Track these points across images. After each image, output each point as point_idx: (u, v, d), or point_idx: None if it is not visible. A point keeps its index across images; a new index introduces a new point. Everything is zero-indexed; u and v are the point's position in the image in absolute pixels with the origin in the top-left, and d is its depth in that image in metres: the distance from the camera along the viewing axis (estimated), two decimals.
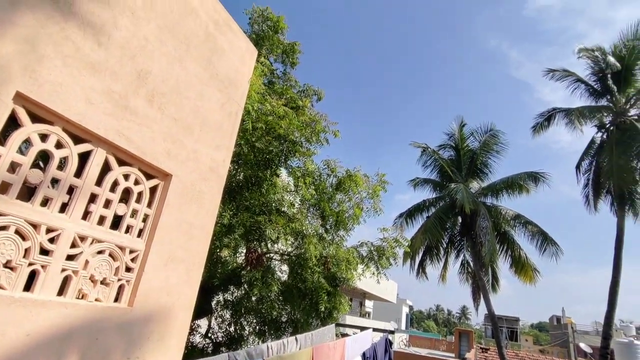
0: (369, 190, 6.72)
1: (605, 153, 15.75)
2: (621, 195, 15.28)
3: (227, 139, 4.21)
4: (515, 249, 16.84)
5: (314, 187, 6.40)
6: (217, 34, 4.27)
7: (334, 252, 5.91)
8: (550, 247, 15.79)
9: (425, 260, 18.75)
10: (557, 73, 17.85)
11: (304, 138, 6.19)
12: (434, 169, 19.18)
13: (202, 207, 3.56)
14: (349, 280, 6.11)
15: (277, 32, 9.68)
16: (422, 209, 18.83)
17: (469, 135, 18.63)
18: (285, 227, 5.48)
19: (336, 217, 6.40)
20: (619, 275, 15.29)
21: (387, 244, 6.55)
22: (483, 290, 16.80)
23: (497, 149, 17.88)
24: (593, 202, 16.87)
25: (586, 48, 17.04)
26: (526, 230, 16.45)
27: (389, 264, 6.61)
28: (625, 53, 15.95)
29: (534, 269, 16.52)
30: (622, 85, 16.16)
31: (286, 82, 9.55)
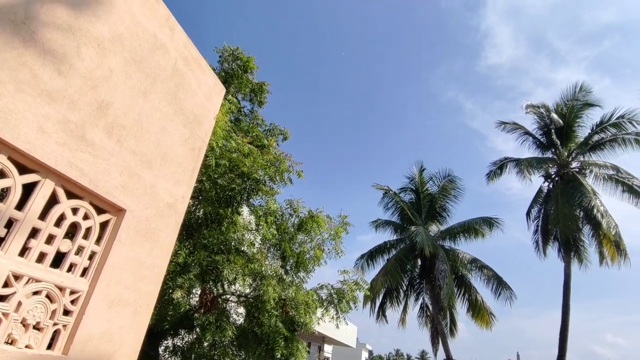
0: (331, 232, 6.71)
1: (552, 202, 16.87)
2: (567, 241, 16.23)
3: (188, 175, 4.11)
4: (472, 293, 17.19)
5: (276, 227, 6.31)
6: (186, 70, 4.28)
7: (293, 295, 5.74)
8: (505, 291, 16.27)
9: (386, 303, 18.66)
10: (507, 125, 19.32)
11: (267, 177, 6.17)
12: (395, 211, 19.65)
13: (157, 245, 3.39)
14: (307, 325, 5.90)
15: (247, 72, 9.87)
16: (383, 251, 19.00)
17: (428, 179, 19.41)
18: (244, 268, 5.29)
19: (297, 258, 6.29)
20: (568, 319, 15.90)
21: (347, 286, 6.47)
22: (441, 334, 16.82)
23: (455, 194, 18.69)
24: (542, 247, 17.77)
25: (533, 104, 18.68)
26: (482, 274, 16.92)
27: (349, 308, 6.49)
28: (566, 111, 17.61)
29: (489, 313, 16.85)
30: (565, 140, 17.69)
31: (253, 120, 9.64)
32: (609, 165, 16.59)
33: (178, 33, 4.05)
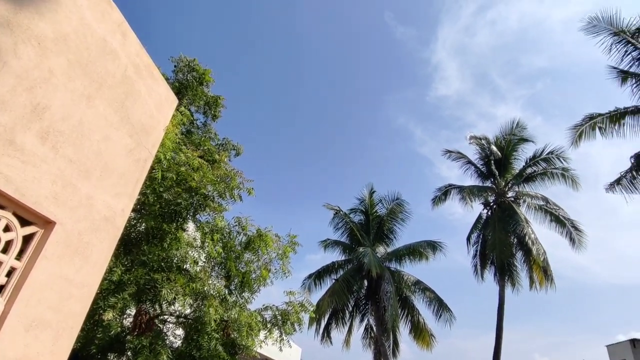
0: (279, 251, 6.61)
1: (490, 228, 17.98)
2: (502, 266, 17.31)
3: (130, 187, 3.90)
4: (414, 314, 17.63)
5: (222, 245, 6.11)
6: (136, 78, 4.11)
7: (236, 316, 5.53)
8: (445, 313, 16.86)
9: (331, 324, 18.58)
10: (452, 154, 20.52)
11: (216, 193, 6.00)
12: (344, 231, 19.85)
13: (88, 261, 3.14)
14: (249, 348, 5.70)
15: (202, 84, 9.69)
16: (331, 271, 19.03)
17: (378, 202, 19.90)
18: (185, 287, 5.03)
19: (242, 278, 6.10)
20: (501, 340, 16.78)
21: (292, 308, 6.36)
22: (384, 356, 16.97)
23: (402, 217, 19.31)
24: (480, 271, 18.76)
25: (476, 136, 20.05)
26: (425, 296, 17.45)
27: (294, 330, 6.38)
28: (504, 144, 19.09)
29: (430, 334, 17.34)
30: (502, 171, 19.09)
31: (205, 133, 9.43)
32: (540, 196, 18.08)
33: (131, 39, 3.91)
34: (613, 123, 12.90)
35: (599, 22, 13.05)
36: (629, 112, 12.61)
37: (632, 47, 12.61)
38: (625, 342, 19.52)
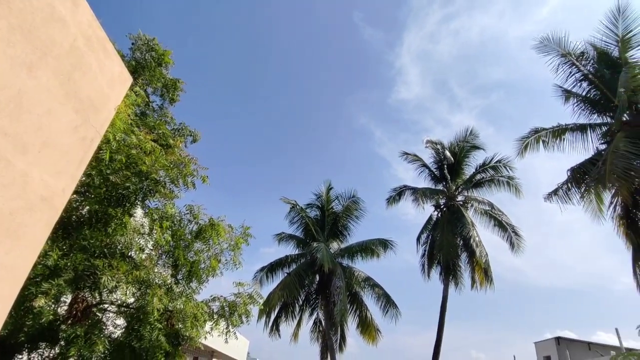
0: (231, 242, 6.50)
1: (439, 229, 18.81)
2: (447, 266, 18.19)
3: (73, 166, 3.65)
4: (363, 310, 18.10)
5: (171, 233, 5.90)
6: (86, 51, 3.85)
7: (181, 306, 5.38)
8: (392, 310, 17.45)
9: (281, 317, 18.63)
10: (409, 156, 21.20)
11: (168, 178, 5.78)
12: (300, 225, 19.95)
13: (20, 242, 2.91)
14: (194, 339, 5.56)
15: (161, 65, 9.27)
16: (284, 265, 19.06)
17: (334, 198, 20.15)
18: (128, 275, 4.81)
19: (190, 267, 5.94)
20: (442, 336, 17.66)
21: (241, 300, 6.29)
22: (331, 349, 17.29)
23: (357, 215, 19.70)
24: (427, 270, 19.60)
25: (432, 141, 20.83)
26: (373, 293, 17.96)
27: (241, 322, 6.31)
28: (457, 150, 20.00)
29: (377, 329, 17.90)
30: (454, 176, 20.01)
31: (161, 117, 9.04)
32: (486, 202, 19.17)
33: (83, 9, 3.64)
34: (555, 138, 13.91)
35: (550, 43, 13.97)
36: (569, 128, 13.64)
37: (576, 69, 13.63)
38: (551, 340, 21.27)
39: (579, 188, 13.04)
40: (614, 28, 12.69)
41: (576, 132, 13.51)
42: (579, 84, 13.68)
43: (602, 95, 12.98)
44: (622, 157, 10.47)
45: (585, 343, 20.84)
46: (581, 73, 13.53)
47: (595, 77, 13.17)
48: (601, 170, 11.06)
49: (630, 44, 12.47)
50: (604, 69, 13.00)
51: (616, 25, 12.64)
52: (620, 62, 12.44)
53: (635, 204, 12.60)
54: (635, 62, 12.29)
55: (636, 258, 12.50)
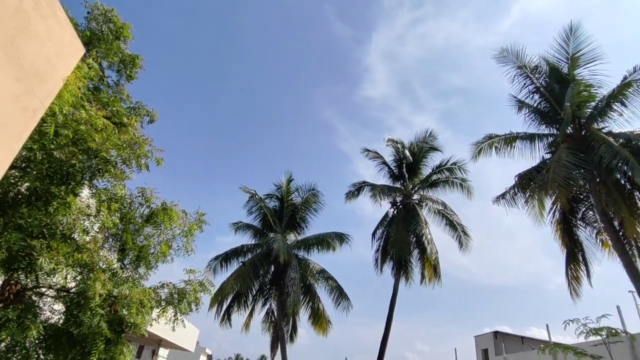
0: (184, 228, 6.30)
1: (394, 226, 19.38)
2: (399, 261, 18.82)
3: (12, 139, 3.39)
4: (315, 301, 18.34)
5: (120, 216, 5.62)
6: (34, 15, 3.57)
7: (126, 292, 5.16)
8: (344, 302, 17.80)
9: (233, 307, 18.46)
10: (370, 153, 21.59)
11: (120, 158, 5.49)
12: (258, 215, 19.80)
13: None
14: (138, 326, 5.37)
15: (119, 39, 8.76)
16: (239, 254, 18.86)
17: (294, 190, 20.15)
18: (69, 257, 4.53)
19: (138, 252, 5.69)
20: (390, 328, 18.30)
21: (191, 287, 6.13)
22: (282, 339, 17.39)
23: (316, 207, 19.84)
24: (380, 265, 20.16)
25: (393, 139, 21.32)
26: (327, 285, 18.22)
27: (190, 310, 6.16)
28: (416, 150, 20.64)
29: (328, 321, 18.21)
30: (412, 175, 20.65)
31: (117, 94, 8.55)
32: (440, 202, 19.98)
33: None
34: (506, 145, 14.69)
35: (508, 54, 14.70)
36: (519, 137, 14.46)
37: (530, 81, 14.45)
38: (489, 334, 22.69)
39: (524, 193, 13.90)
40: (566, 46, 13.57)
41: (526, 140, 14.35)
42: (531, 95, 14.52)
43: (550, 108, 13.87)
44: (564, 167, 11.26)
45: (519, 337, 22.46)
46: (534, 85, 14.36)
47: (546, 90, 14.03)
48: (545, 178, 11.84)
49: (579, 62, 13.38)
50: (554, 83, 13.88)
51: (568, 43, 13.51)
52: (569, 78, 13.32)
53: (571, 211, 13.64)
54: (581, 79, 13.21)
55: (569, 261, 13.56)
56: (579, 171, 11.88)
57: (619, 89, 12.29)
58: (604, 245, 13.29)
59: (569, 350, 5.75)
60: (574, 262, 13.52)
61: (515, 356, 19.36)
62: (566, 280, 13.58)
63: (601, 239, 13.35)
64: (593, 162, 11.72)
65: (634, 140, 11.99)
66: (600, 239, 13.37)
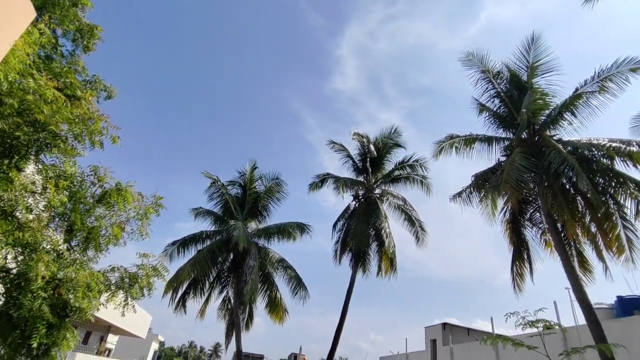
0: (140, 211, 6.04)
1: (355, 218, 19.68)
2: (358, 254, 19.19)
3: None
4: (273, 290, 18.35)
5: (69, 194, 5.29)
6: None
7: (72, 275, 4.90)
8: (301, 291, 17.92)
9: (189, 294, 18.10)
10: (336, 146, 21.71)
11: (71, 133, 5.15)
12: (219, 202, 19.43)
13: None
14: (84, 310, 5.12)
15: (76, 6, 8.20)
16: (198, 240, 18.47)
17: (258, 178, 19.93)
18: (8, 236, 4.22)
19: (87, 233, 5.40)
20: (345, 318, 18.69)
21: (144, 272, 5.92)
22: (237, 327, 17.30)
23: (279, 197, 19.75)
24: (339, 256, 20.44)
25: (359, 133, 21.53)
26: (285, 274, 18.26)
27: (142, 295, 5.95)
28: (381, 146, 20.98)
29: (285, 309, 18.30)
30: (375, 169, 21.00)
31: (71, 64, 8.01)
32: (400, 197, 20.49)
33: None
34: (466, 145, 15.22)
35: (473, 58, 15.17)
36: (478, 138, 15.03)
37: (492, 86, 15.01)
38: (438, 325, 23.74)
39: (479, 193, 14.52)
40: (526, 55, 14.19)
41: (484, 142, 14.94)
42: (492, 99, 15.10)
43: (509, 113, 14.50)
44: (517, 170, 11.84)
45: (466, 329, 23.69)
46: (495, 90, 14.94)
47: (506, 95, 14.63)
48: (499, 179, 12.41)
49: (537, 72, 14.06)
50: (514, 89, 14.51)
51: (528, 53, 14.14)
52: (527, 86, 13.97)
53: (520, 212, 14.44)
54: (538, 87, 13.90)
55: (515, 258, 14.40)
56: (530, 174, 12.55)
57: (571, 99, 13.04)
58: (547, 245, 14.18)
59: (508, 341, 6.17)
60: (519, 260, 14.34)
61: (461, 346, 20.41)
62: (511, 276, 14.40)
63: (545, 239, 14.23)
64: (543, 166, 12.41)
65: (580, 149, 12.82)
66: (544, 239, 14.25)
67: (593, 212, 12.01)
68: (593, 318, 10.57)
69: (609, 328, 10.76)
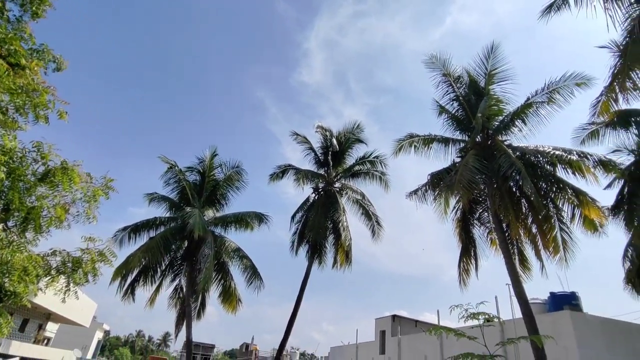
0: (87, 192, 5.71)
1: (313, 211, 19.80)
2: (315, 245, 19.38)
3: None
4: (227, 279, 18.13)
5: (7, 170, 4.89)
6: None
7: (8, 257, 4.56)
8: (256, 281, 17.82)
9: (138, 281, 17.48)
10: (299, 137, 21.65)
11: (13, 105, 4.76)
12: (176, 188, 18.83)
13: None
14: (19, 295, 4.79)
15: None
16: (151, 226, 17.82)
17: (217, 165, 19.46)
18: None
19: (26, 213, 5.04)
20: (298, 309, 18.86)
21: (88, 256, 5.62)
22: (188, 316, 16.95)
23: (238, 185, 19.44)
24: (296, 247, 20.51)
25: (323, 127, 21.59)
26: (241, 263, 18.06)
27: (86, 280, 5.66)
28: (343, 140, 21.18)
29: (239, 299, 18.15)
30: (336, 163, 21.21)
31: (17, 31, 7.38)
32: (359, 192, 20.85)
33: None
34: (425, 145, 15.73)
35: (437, 61, 15.65)
36: (436, 139, 15.58)
37: (452, 89, 15.59)
38: (388, 317, 24.60)
39: (434, 191, 15.09)
40: (485, 62, 14.86)
41: (441, 143, 15.52)
42: (451, 102, 15.68)
43: (466, 117, 15.14)
44: (469, 171, 12.43)
45: (414, 321, 24.75)
46: (455, 94, 15.52)
47: (465, 100, 15.26)
48: (452, 179, 12.97)
49: (494, 79, 14.77)
50: (472, 94, 15.15)
51: (487, 60, 14.81)
52: (484, 92, 14.65)
53: (470, 211, 15.20)
54: (494, 94, 14.61)
55: (463, 255, 15.17)
56: (482, 176, 13.23)
57: (522, 108, 13.85)
58: (492, 244, 15.06)
59: (451, 332, 6.55)
60: (466, 256, 15.13)
61: (408, 337, 21.30)
62: (458, 271, 15.18)
63: (491, 238, 15.10)
64: (494, 169, 13.13)
65: (527, 155, 13.67)
66: (490, 237, 15.13)
67: (535, 214, 12.87)
68: (528, 312, 11.39)
69: (541, 321, 11.67)
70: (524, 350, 11.70)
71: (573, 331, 12.17)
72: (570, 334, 12.16)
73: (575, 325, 12.36)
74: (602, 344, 12.47)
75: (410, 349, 20.64)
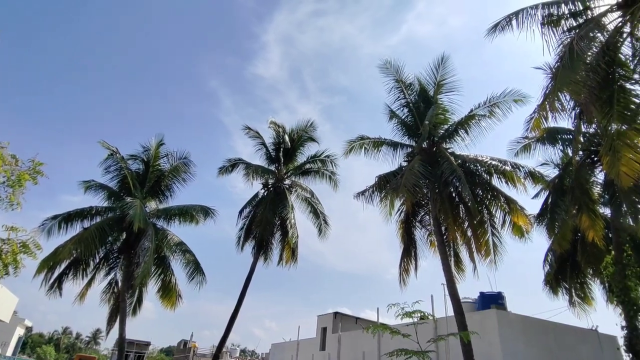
0: (11, 176, 5.21)
1: (261, 207, 19.65)
2: (261, 242, 19.26)
3: None
4: (168, 274, 17.41)
5: None
6: None
7: None
8: (199, 276, 17.27)
9: (67, 275, 16.28)
10: (251, 132, 21.34)
11: None
12: (116, 176, 17.71)
13: None
14: None
15: None
16: (86, 216, 16.61)
17: (163, 155, 18.55)
18: None
19: None
20: (241, 305, 18.64)
21: (9, 247, 5.14)
22: (122, 312, 16.06)
23: (185, 177, 18.70)
24: (242, 243, 20.24)
25: (276, 123, 21.44)
26: (183, 258, 17.41)
27: (5, 273, 5.17)
28: (295, 138, 21.20)
29: (179, 295, 17.51)
30: (287, 160, 21.19)
31: None
32: (308, 190, 21.00)
33: None
34: (374, 148, 16.22)
35: (390, 67, 16.17)
36: (386, 142, 16.13)
37: (403, 95, 16.19)
38: (330, 314, 25.07)
39: (381, 193, 15.64)
40: (435, 72, 15.62)
41: (390, 147, 16.09)
42: (402, 108, 16.29)
43: (414, 123, 15.80)
44: (414, 175, 13.02)
45: (354, 318, 25.41)
46: (405, 100, 16.14)
47: (414, 106, 15.92)
48: (398, 182, 13.50)
49: (442, 89, 15.57)
50: (421, 102, 15.86)
51: (437, 70, 15.58)
52: (433, 101, 15.39)
53: (413, 213, 15.92)
54: (441, 104, 15.40)
55: (404, 255, 15.88)
56: (425, 181, 13.93)
57: (465, 118, 14.76)
58: (431, 245, 15.91)
59: (387, 330, 6.86)
60: (407, 257, 15.86)
61: (348, 334, 21.84)
62: (399, 271, 15.87)
63: (430, 240, 15.95)
64: (437, 175, 13.87)
65: (467, 163, 14.60)
66: (430, 239, 15.97)
67: (470, 219, 13.77)
68: (460, 310, 12.20)
69: (470, 319, 12.56)
70: (454, 346, 12.50)
71: (497, 328, 13.22)
72: (494, 331, 13.19)
73: (500, 323, 13.44)
74: (521, 339, 13.69)
75: (350, 345, 21.19)
